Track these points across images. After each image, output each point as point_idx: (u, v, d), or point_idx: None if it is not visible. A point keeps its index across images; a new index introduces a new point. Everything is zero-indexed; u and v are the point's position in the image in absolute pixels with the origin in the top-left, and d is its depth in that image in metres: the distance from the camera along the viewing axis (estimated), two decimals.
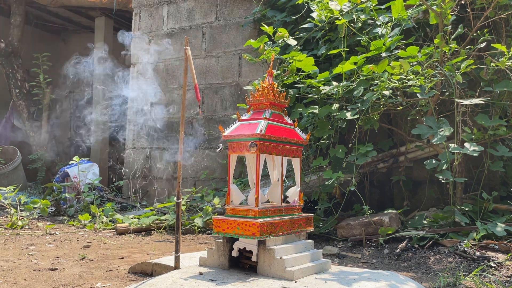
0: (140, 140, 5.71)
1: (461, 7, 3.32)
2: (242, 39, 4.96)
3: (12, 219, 4.08)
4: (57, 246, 3.14)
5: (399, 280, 1.90)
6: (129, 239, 3.52)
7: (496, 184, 3.47)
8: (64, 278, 2.20)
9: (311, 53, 3.77)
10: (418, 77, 3.00)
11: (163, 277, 1.87)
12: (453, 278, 2.14)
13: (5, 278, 2.18)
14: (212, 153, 5.12)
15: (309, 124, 3.44)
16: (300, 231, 2.04)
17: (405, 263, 2.65)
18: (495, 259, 2.51)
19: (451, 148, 2.84)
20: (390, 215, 3.13)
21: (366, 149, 3.17)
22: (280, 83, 3.46)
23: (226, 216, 1.92)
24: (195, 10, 5.40)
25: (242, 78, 5.01)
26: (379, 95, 3.06)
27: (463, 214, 2.98)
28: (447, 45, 3.02)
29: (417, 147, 3.55)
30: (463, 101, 2.90)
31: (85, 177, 5.29)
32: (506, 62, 2.89)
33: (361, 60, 3.15)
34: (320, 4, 3.40)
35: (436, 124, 2.92)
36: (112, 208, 4.46)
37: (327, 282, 1.78)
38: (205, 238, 3.56)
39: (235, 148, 1.94)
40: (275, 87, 2.05)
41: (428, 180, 3.59)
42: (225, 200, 2.28)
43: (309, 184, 3.63)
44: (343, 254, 2.88)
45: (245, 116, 2.03)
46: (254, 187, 1.91)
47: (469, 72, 3.17)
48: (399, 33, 3.25)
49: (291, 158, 2.10)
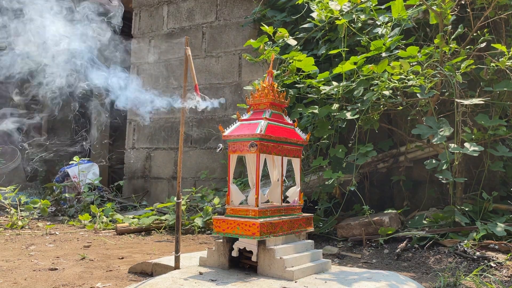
0: (140, 140, 5.71)
1: (461, 7, 3.31)
2: (242, 39, 4.96)
3: (12, 219, 4.08)
4: (57, 246, 3.14)
5: (399, 280, 1.90)
6: (129, 239, 3.52)
7: (496, 184, 3.46)
8: (64, 278, 2.20)
9: (311, 53, 3.77)
10: (418, 77, 3.00)
11: (163, 277, 1.87)
12: (453, 278, 2.14)
13: (5, 278, 2.19)
14: (212, 153, 5.13)
15: (309, 124, 3.44)
16: (300, 231, 2.04)
17: (405, 263, 2.65)
18: (495, 259, 2.51)
19: (451, 148, 2.84)
20: (390, 215, 3.13)
21: (366, 149, 3.17)
22: (280, 83, 3.46)
23: (226, 216, 1.92)
24: (195, 10, 5.40)
25: (242, 78, 5.01)
26: (379, 95, 3.06)
27: (463, 214, 2.98)
28: (447, 45, 3.02)
29: (417, 147, 3.55)
30: (463, 101, 2.90)
31: (85, 177, 5.29)
32: (506, 62, 2.89)
33: (361, 60, 3.15)
34: (320, 4, 3.40)
35: (436, 124, 2.92)
36: (112, 208, 4.46)
37: (327, 282, 1.78)
38: (205, 238, 3.56)
39: (235, 148, 1.94)
40: (275, 87, 2.05)
41: (428, 180, 3.59)
42: (225, 200, 2.28)
43: (309, 184, 3.62)
44: (343, 254, 2.88)
45: (245, 116, 2.04)
46: (254, 187, 1.91)
47: (469, 72, 3.17)
48: (399, 33, 3.25)
49: (291, 158, 2.11)
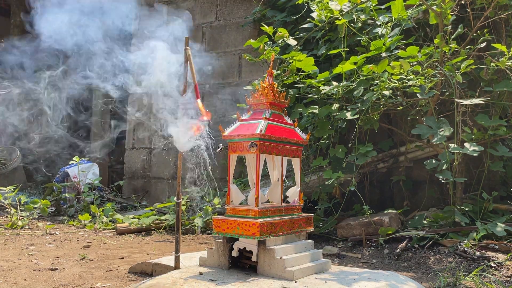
0: (140, 140, 5.71)
1: (461, 7, 3.31)
2: (242, 39, 4.96)
3: (12, 219, 4.08)
4: (57, 246, 3.13)
5: (399, 280, 1.90)
6: (129, 239, 3.52)
7: (496, 184, 3.46)
8: (64, 278, 2.20)
9: (311, 53, 3.77)
10: (418, 77, 3.00)
11: (163, 277, 1.87)
12: (453, 278, 2.14)
13: (5, 278, 2.18)
14: (212, 153, 5.12)
15: (309, 124, 3.44)
16: (300, 231, 2.04)
17: (405, 263, 2.65)
18: (495, 259, 2.51)
19: (451, 148, 2.84)
20: (390, 215, 3.13)
21: (366, 149, 3.17)
22: (280, 83, 3.46)
23: (226, 216, 1.92)
24: (195, 10, 5.40)
25: (242, 78, 5.01)
26: (379, 95, 3.06)
27: (463, 214, 2.97)
28: (447, 45, 3.02)
29: (417, 147, 3.55)
30: (463, 101, 2.90)
31: (85, 177, 5.29)
32: (506, 62, 2.89)
33: (361, 60, 3.15)
34: (320, 4, 3.40)
35: (436, 124, 2.92)
36: (112, 208, 4.46)
37: (327, 282, 1.78)
38: (205, 238, 3.56)
39: (235, 148, 1.94)
40: (275, 87, 2.05)
41: (428, 180, 3.59)
42: (225, 200, 2.28)
43: (309, 184, 3.62)
44: (343, 254, 2.88)
45: (245, 116, 2.04)
46: (254, 187, 1.91)
47: (469, 72, 3.16)
48: (399, 33, 3.25)
49: (291, 158, 2.10)
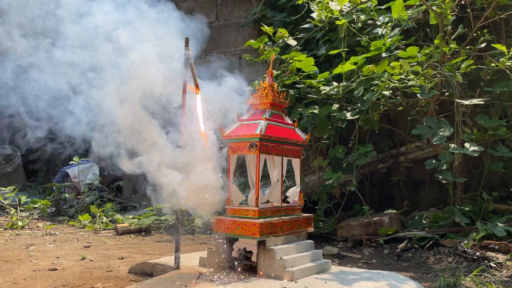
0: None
1: (461, 7, 3.31)
2: (242, 39, 4.96)
3: (12, 219, 4.08)
4: (57, 246, 3.13)
5: (399, 280, 1.90)
6: (129, 239, 3.52)
7: (496, 184, 3.46)
8: (64, 278, 2.20)
9: (311, 53, 3.77)
10: (418, 77, 3.00)
11: (163, 277, 1.87)
12: (453, 278, 2.14)
13: (5, 278, 2.18)
14: None
15: (309, 124, 3.44)
16: (300, 232, 2.04)
17: (405, 263, 2.65)
18: (495, 259, 2.51)
19: (451, 148, 2.84)
20: (390, 216, 3.13)
21: (366, 149, 3.17)
22: (280, 83, 3.46)
23: (226, 217, 1.92)
24: (195, 10, 5.40)
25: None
26: (379, 95, 3.06)
27: (463, 215, 2.97)
28: (447, 45, 3.02)
29: (417, 147, 3.55)
30: (463, 101, 2.90)
31: (85, 177, 5.29)
32: (506, 62, 2.89)
33: (361, 60, 3.15)
34: (320, 4, 3.40)
35: (436, 125, 2.92)
36: (112, 208, 4.46)
37: (327, 282, 1.78)
38: (205, 238, 3.56)
39: (235, 148, 1.94)
40: (275, 87, 2.06)
41: (428, 180, 3.59)
42: (225, 200, 2.28)
43: (309, 185, 3.62)
44: (343, 254, 2.88)
45: (245, 116, 2.04)
46: (254, 187, 1.91)
47: (469, 72, 3.16)
48: (399, 33, 3.25)
49: (291, 158, 2.11)
